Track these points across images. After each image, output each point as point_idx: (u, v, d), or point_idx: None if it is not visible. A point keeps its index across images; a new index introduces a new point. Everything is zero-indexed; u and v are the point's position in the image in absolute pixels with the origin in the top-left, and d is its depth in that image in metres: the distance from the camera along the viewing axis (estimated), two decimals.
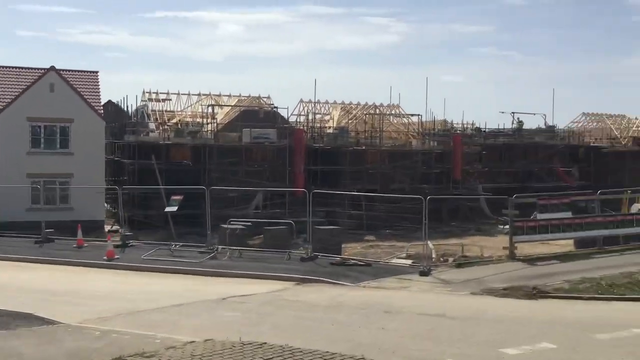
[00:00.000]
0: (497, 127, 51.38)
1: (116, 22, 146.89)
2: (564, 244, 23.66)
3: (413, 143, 43.16)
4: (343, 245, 29.71)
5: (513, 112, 50.48)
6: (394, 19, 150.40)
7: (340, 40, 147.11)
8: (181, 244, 22.05)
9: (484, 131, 49.80)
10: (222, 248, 20.89)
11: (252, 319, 12.41)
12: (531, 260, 20.22)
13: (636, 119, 56.09)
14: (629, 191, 30.67)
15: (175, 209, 22.56)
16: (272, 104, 40.54)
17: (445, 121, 50.57)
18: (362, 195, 30.92)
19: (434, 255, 20.78)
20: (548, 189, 40.86)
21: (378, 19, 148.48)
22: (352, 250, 29.65)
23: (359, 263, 19.42)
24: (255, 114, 38.83)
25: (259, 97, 41.70)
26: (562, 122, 59.38)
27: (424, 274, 17.82)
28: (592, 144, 52.52)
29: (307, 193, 20.29)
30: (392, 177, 40.01)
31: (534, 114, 54.02)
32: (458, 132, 47.28)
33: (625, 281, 16.61)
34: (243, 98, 40.90)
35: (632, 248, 22.17)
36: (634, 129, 54.81)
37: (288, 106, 41.50)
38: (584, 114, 56.85)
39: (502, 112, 52.92)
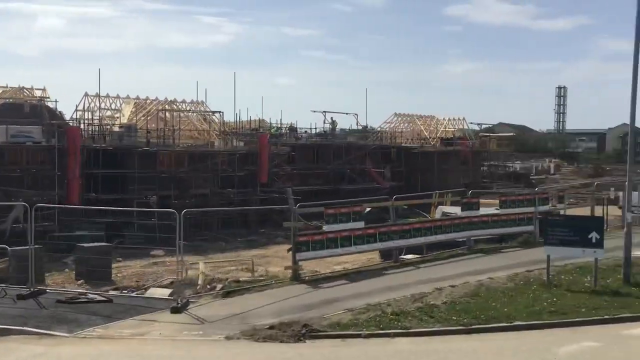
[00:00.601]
0: (309, 127, 49.34)
1: None
2: (370, 255, 21.15)
3: (215, 143, 39.08)
4: (119, 265, 25.31)
5: (324, 111, 48.56)
6: (226, 19, 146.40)
7: (171, 38, 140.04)
8: None
9: (296, 129, 47.28)
10: None
11: None
12: (317, 280, 17.25)
13: (444, 119, 56.93)
14: (437, 194, 29.16)
15: None
16: (47, 97, 34.27)
17: (261, 120, 47.53)
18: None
19: (200, 282, 16.82)
20: (359, 191, 39.29)
21: (209, 18, 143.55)
22: (129, 270, 25.10)
23: (97, 299, 14.97)
24: (21, 109, 32.39)
25: (31, 88, 35.22)
26: (376, 122, 58.75)
27: (176, 310, 13.92)
28: (403, 145, 52.12)
29: (27, 207, 15.44)
30: (190, 181, 35.68)
31: (347, 114, 52.69)
32: (267, 132, 44.10)
33: (415, 307, 14.01)
34: (8, 89, 34.17)
35: (429, 260, 20.02)
36: (442, 129, 55.53)
37: (56, 99, 34.77)
38: (396, 114, 56.51)
39: (314, 111, 50.88)
